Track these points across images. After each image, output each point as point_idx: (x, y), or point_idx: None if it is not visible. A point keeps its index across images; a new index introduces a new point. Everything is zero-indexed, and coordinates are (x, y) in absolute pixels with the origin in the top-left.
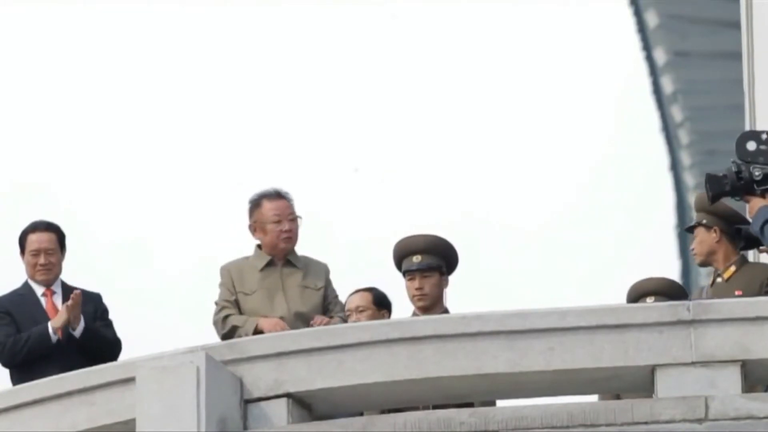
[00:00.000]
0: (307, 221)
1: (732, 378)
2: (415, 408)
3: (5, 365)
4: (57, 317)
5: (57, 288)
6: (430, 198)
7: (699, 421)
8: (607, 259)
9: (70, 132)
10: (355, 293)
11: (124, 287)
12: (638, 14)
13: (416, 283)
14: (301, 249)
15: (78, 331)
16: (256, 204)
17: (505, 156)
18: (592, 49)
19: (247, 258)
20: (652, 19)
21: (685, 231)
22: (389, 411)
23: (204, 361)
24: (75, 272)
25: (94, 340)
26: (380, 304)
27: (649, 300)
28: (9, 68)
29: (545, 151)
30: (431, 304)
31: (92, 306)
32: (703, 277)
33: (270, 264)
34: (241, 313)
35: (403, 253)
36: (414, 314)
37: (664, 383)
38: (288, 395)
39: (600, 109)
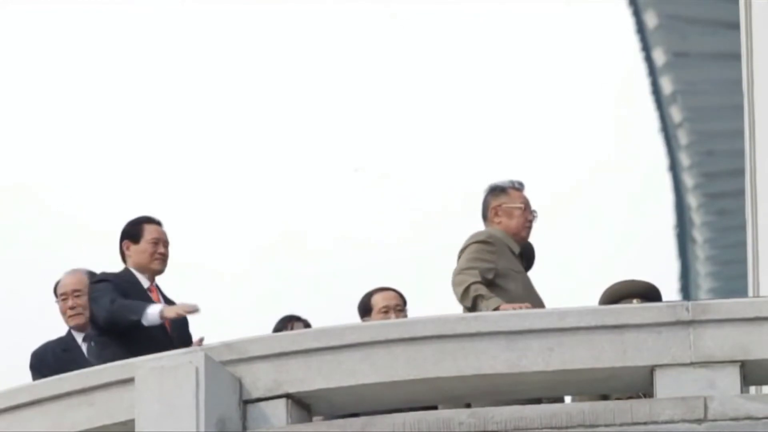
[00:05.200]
0: (307, 221)
1: (731, 378)
2: (415, 408)
3: (104, 320)
4: (172, 309)
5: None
6: (430, 198)
7: (698, 421)
8: (606, 259)
9: (65, 131)
10: (381, 292)
11: None
12: (637, 14)
13: None
14: (301, 248)
15: None
16: (501, 189)
17: (504, 156)
18: (591, 49)
19: (494, 233)
20: (651, 19)
21: None
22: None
23: (203, 361)
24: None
25: None
26: (405, 302)
27: (635, 302)
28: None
29: (543, 151)
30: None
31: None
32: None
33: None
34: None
35: None
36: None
37: (663, 383)
38: (287, 396)
39: (598, 109)
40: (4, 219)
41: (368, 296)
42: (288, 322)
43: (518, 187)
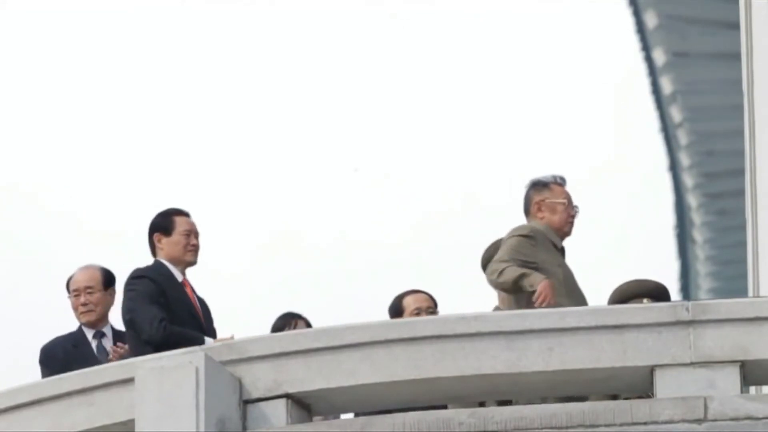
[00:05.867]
0: (307, 221)
1: (731, 378)
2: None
3: (147, 341)
4: (224, 340)
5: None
6: (431, 199)
7: (698, 421)
8: (606, 259)
9: (64, 131)
10: (412, 294)
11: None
12: (637, 14)
13: None
14: (301, 248)
15: None
16: (544, 185)
17: (504, 156)
18: (591, 49)
19: (536, 227)
20: (651, 19)
21: None
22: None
23: (203, 361)
24: (72, 270)
25: None
26: (436, 305)
27: (646, 302)
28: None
29: (544, 151)
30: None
31: (207, 311)
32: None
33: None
34: None
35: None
36: (497, 309)
37: (663, 383)
38: (287, 396)
39: (598, 109)
40: (2, 218)
41: (399, 298)
42: (290, 320)
43: (560, 182)
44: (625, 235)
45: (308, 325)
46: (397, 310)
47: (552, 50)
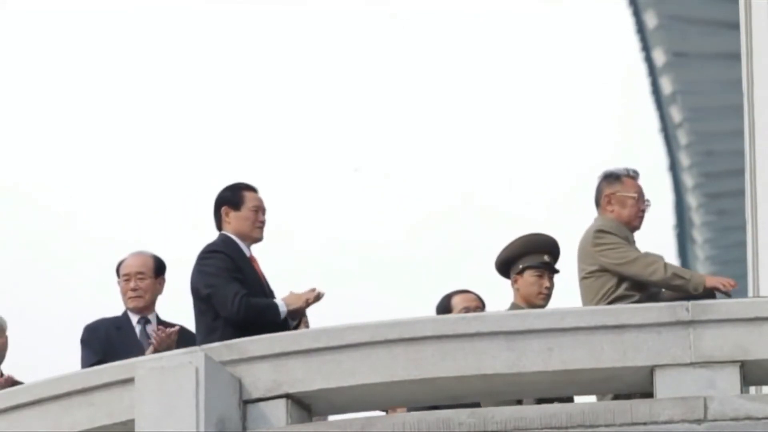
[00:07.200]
0: (307, 222)
1: (731, 378)
2: (415, 408)
3: (229, 317)
4: (294, 300)
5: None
6: (431, 199)
7: (698, 421)
8: None
9: (63, 132)
10: (460, 294)
11: None
12: (637, 14)
13: (546, 282)
14: (299, 250)
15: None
16: (616, 177)
17: (505, 156)
18: (591, 49)
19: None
20: (651, 19)
21: None
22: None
23: (203, 361)
24: (71, 270)
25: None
26: (484, 305)
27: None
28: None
29: (544, 151)
30: (548, 304)
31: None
32: None
33: None
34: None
35: (536, 249)
36: (514, 307)
37: (663, 384)
38: (287, 396)
39: (598, 109)
40: (2, 218)
41: (448, 298)
42: None
43: (633, 175)
44: None
45: (307, 323)
46: (445, 308)
47: (552, 50)
